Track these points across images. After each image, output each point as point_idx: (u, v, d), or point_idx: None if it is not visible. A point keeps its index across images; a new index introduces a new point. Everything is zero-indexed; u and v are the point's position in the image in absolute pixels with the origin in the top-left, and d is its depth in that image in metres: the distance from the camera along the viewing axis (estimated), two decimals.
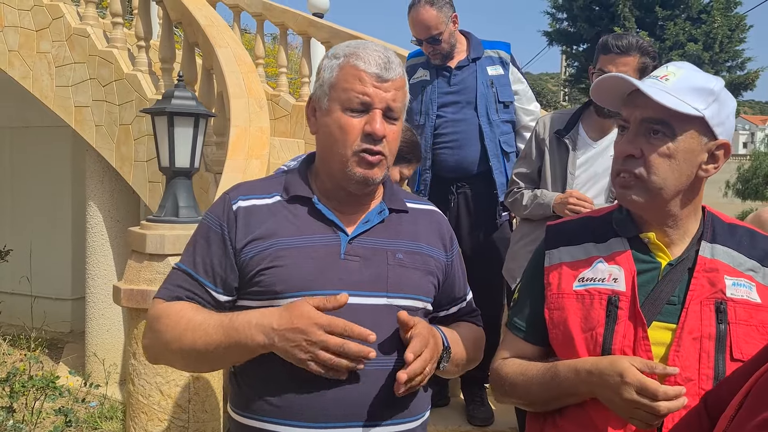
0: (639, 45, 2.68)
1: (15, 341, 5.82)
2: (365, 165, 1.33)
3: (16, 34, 5.41)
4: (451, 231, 1.54)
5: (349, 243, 1.36)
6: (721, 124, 1.27)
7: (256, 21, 6.56)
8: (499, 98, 3.11)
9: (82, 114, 5.28)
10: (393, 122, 1.35)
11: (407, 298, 1.37)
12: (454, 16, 3.07)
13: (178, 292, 1.37)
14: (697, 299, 1.26)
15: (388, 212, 1.43)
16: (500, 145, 3.10)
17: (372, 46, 1.37)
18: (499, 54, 3.17)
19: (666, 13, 16.75)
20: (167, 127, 2.79)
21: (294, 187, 1.41)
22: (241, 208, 1.38)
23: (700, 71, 1.30)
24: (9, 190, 7.05)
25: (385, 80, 1.32)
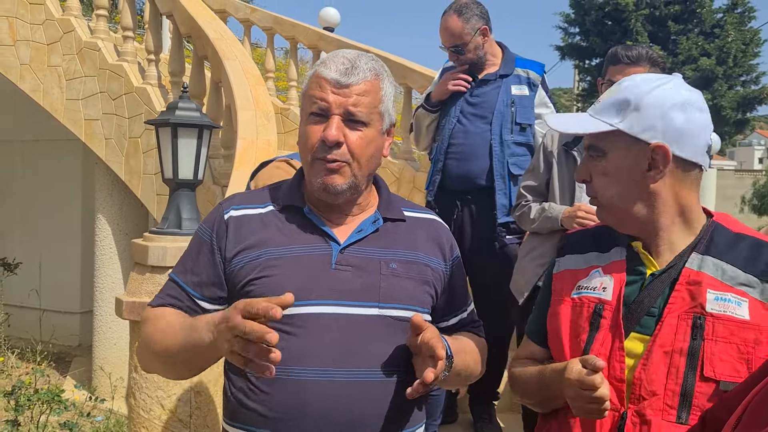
0: (649, 56, 2.65)
1: (23, 354, 5.81)
2: (324, 172, 1.32)
3: (27, 47, 5.45)
4: (452, 240, 1.50)
5: (340, 253, 1.34)
6: (650, 128, 1.25)
7: (266, 35, 6.59)
8: (517, 119, 3.05)
9: (92, 127, 5.30)
10: (357, 127, 1.32)
11: (400, 309, 1.34)
12: (483, 29, 3.04)
13: (165, 300, 1.37)
14: (675, 312, 1.23)
15: (383, 221, 1.41)
16: (508, 165, 3.05)
17: (344, 53, 1.36)
18: (528, 74, 3.11)
19: (679, 28, 16.70)
20: (171, 138, 2.78)
21: (286, 196, 1.40)
22: (233, 218, 1.38)
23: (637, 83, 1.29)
24: (20, 204, 7.09)
25: (344, 85, 1.31)
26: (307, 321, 1.28)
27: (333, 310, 1.29)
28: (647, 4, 16.69)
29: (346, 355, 1.27)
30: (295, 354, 1.26)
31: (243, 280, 1.31)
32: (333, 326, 1.27)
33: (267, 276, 1.30)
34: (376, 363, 1.29)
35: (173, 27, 5.22)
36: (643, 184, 1.27)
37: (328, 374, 1.26)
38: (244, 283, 1.31)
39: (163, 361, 1.33)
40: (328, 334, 1.27)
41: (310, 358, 1.26)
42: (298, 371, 1.26)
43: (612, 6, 17.16)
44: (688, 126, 1.25)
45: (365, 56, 1.37)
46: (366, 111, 1.32)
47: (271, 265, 1.31)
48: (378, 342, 1.30)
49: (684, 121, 1.25)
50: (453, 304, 1.48)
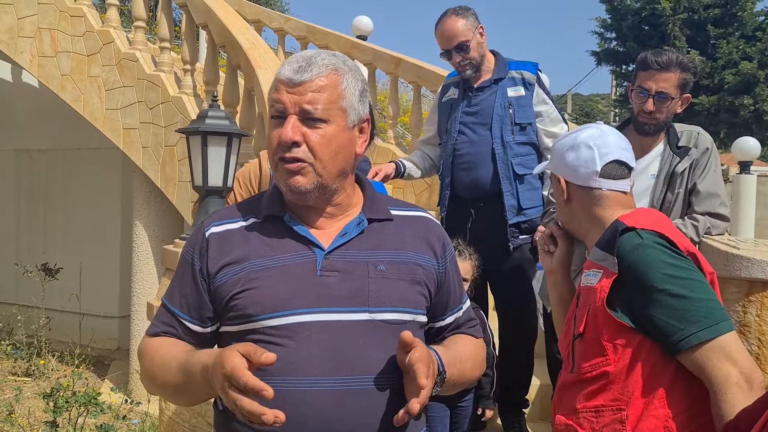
0: (679, 61, 2.61)
1: (62, 357, 5.97)
2: (286, 173, 1.28)
3: (68, 59, 5.61)
4: (444, 237, 1.45)
5: (325, 258, 1.30)
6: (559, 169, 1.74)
7: (300, 44, 6.67)
8: (516, 120, 3.06)
9: (130, 136, 5.43)
10: (316, 125, 1.27)
11: (392, 311, 1.29)
12: (480, 27, 3.09)
13: (159, 328, 1.36)
14: (577, 293, 1.63)
15: (368, 222, 1.36)
16: (512, 167, 3.05)
17: (303, 53, 1.33)
18: (522, 74, 3.12)
19: (718, 32, 16.34)
20: (201, 146, 2.84)
21: (266, 206, 1.36)
22: (213, 235, 1.34)
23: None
24: (61, 210, 7.27)
25: (297, 83, 1.27)
26: (295, 330, 1.24)
27: (321, 318, 1.25)
28: (685, 8, 16.38)
29: (337, 363, 1.24)
30: (283, 364, 1.22)
31: (227, 296, 1.28)
32: (322, 334, 1.23)
33: (250, 288, 1.27)
34: (369, 370, 1.25)
35: (208, 37, 5.33)
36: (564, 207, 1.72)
37: (319, 384, 1.23)
38: (228, 298, 1.28)
39: (167, 394, 1.35)
40: (317, 342, 1.24)
41: (299, 368, 1.23)
42: (288, 382, 1.22)
43: (649, 11, 16.88)
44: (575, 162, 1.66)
45: (325, 53, 1.32)
46: (323, 107, 1.27)
47: (254, 277, 1.27)
48: (370, 348, 1.26)
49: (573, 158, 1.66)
50: (448, 303, 1.43)
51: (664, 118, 2.59)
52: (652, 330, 1.45)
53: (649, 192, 2.65)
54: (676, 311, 1.42)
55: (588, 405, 1.50)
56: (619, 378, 1.47)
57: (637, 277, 1.46)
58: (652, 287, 1.44)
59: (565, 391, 1.59)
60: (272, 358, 1.11)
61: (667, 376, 1.45)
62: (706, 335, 1.40)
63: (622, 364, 1.47)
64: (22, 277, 6.34)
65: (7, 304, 6.90)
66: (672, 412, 1.43)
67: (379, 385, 1.26)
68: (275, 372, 1.22)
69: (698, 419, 1.42)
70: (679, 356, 1.42)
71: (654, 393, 1.44)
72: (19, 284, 6.89)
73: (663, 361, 1.44)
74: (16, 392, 4.89)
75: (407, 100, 10.15)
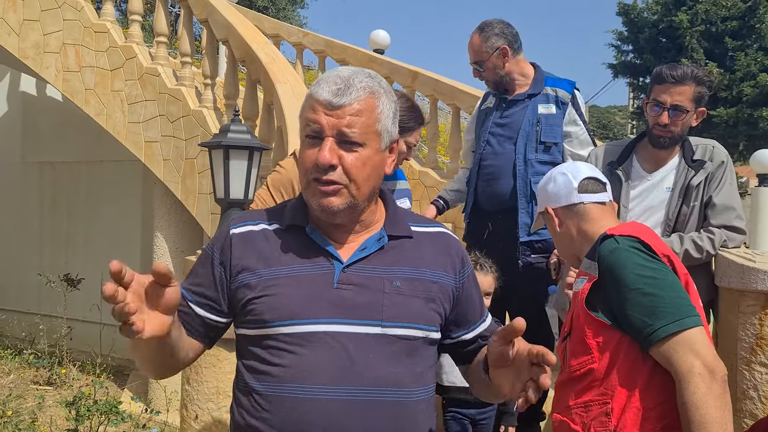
0: (694, 75, 2.63)
1: (83, 367, 6.04)
2: (319, 194, 1.30)
3: (92, 73, 5.73)
4: (463, 253, 1.47)
5: (342, 271, 1.32)
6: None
7: (318, 58, 6.76)
8: (542, 138, 3.03)
9: (152, 149, 5.52)
10: (353, 148, 1.29)
11: (404, 327, 1.32)
12: (502, 48, 3.05)
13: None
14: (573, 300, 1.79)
15: (388, 239, 1.38)
16: (530, 185, 3.03)
17: (339, 71, 1.33)
18: (556, 92, 3.07)
19: (736, 44, 16.25)
20: (223, 159, 2.90)
21: (290, 216, 1.39)
22: (236, 235, 1.38)
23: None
24: (84, 222, 7.38)
25: (336, 106, 1.27)
26: (308, 339, 1.27)
27: (334, 329, 1.28)
28: (703, 20, 16.31)
29: (347, 373, 1.26)
30: (295, 372, 1.26)
31: (245, 298, 1.32)
32: (334, 345, 1.26)
33: (268, 295, 1.30)
34: (377, 382, 1.28)
35: (228, 52, 5.42)
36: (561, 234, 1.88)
37: (329, 393, 1.25)
38: (246, 301, 1.32)
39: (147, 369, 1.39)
40: (328, 352, 1.27)
41: (310, 377, 1.26)
42: (299, 389, 1.26)
43: (666, 23, 16.83)
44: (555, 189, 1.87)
45: (361, 74, 1.32)
46: (360, 131, 1.29)
47: (272, 284, 1.31)
48: (380, 361, 1.28)
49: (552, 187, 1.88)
50: (467, 318, 1.45)
51: (679, 132, 2.61)
52: (628, 327, 1.58)
53: (665, 205, 2.66)
54: (646, 308, 1.56)
55: (579, 401, 1.64)
56: (603, 374, 1.60)
57: (613, 278, 1.61)
58: (626, 287, 1.59)
59: (560, 390, 1.73)
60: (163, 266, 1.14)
61: (645, 371, 1.57)
62: (672, 329, 1.53)
63: (605, 361, 1.60)
64: (45, 287, 6.45)
65: (30, 314, 7.00)
66: (651, 404, 1.56)
67: (387, 397, 1.28)
68: (287, 379, 1.27)
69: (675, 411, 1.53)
70: (651, 350, 1.55)
71: (634, 387, 1.57)
72: (41, 294, 6.99)
73: (641, 357, 1.58)
74: (39, 401, 4.97)
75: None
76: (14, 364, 6.17)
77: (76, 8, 5.75)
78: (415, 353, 1.34)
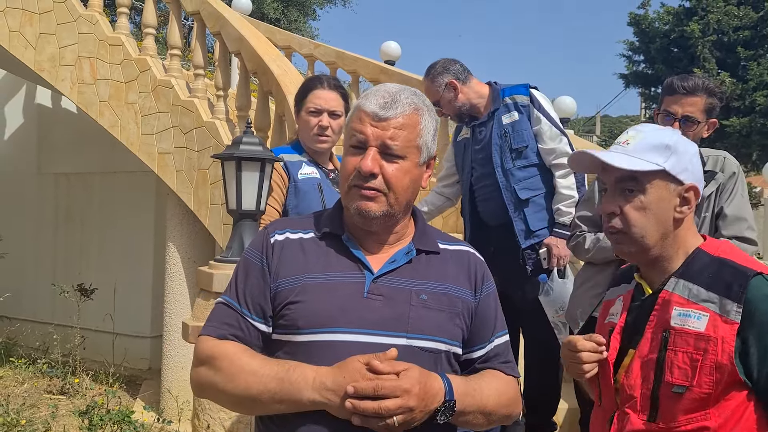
0: (705, 86, 2.64)
1: (96, 376, 6.08)
2: (359, 198, 1.36)
3: (107, 86, 5.80)
4: (485, 270, 1.52)
5: (373, 282, 1.37)
6: (685, 170, 1.47)
7: (329, 69, 6.80)
8: (513, 146, 3.14)
9: (165, 160, 5.57)
10: (394, 160, 1.35)
11: (429, 340, 1.35)
12: (450, 83, 3.19)
13: (224, 330, 1.40)
14: (650, 329, 1.48)
15: (416, 253, 1.43)
16: (516, 192, 3.14)
17: (387, 87, 1.40)
18: (514, 99, 3.19)
19: (749, 53, 16.18)
20: (235, 171, 2.93)
21: (326, 223, 1.45)
22: (277, 242, 1.43)
23: (659, 129, 1.52)
24: (97, 232, 7.44)
25: (382, 119, 1.34)
26: (335, 348, 1.31)
27: (361, 339, 1.32)
28: (715, 30, 16.27)
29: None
30: None
31: (283, 302, 1.36)
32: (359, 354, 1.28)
33: (302, 301, 1.35)
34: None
35: (240, 64, 5.47)
36: (672, 218, 1.49)
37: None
38: (282, 306, 1.36)
39: (236, 400, 1.36)
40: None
41: None
42: None
43: (678, 33, 16.80)
44: (701, 172, 1.53)
45: (407, 91, 1.40)
46: (402, 145, 1.36)
47: (307, 290, 1.35)
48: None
49: (699, 167, 1.52)
50: (480, 336, 1.48)
51: None
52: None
53: None
54: None
55: None
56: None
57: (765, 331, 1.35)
58: None
59: None
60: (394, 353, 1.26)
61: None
62: None
63: (722, 418, 1.37)
64: (59, 297, 6.50)
65: (44, 324, 7.06)
66: None
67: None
68: None
69: None
70: None
71: None
72: (55, 304, 7.05)
73: (765, 418, 1.39)
74: (52, 410, 5.00)
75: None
76: (28, 374, 6.21)
77: (92, 22, 5.83)
78: (438, 367, 1.37)
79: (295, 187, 2.70)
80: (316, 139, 2.73)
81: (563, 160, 3.08)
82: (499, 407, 1.42)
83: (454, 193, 3.58)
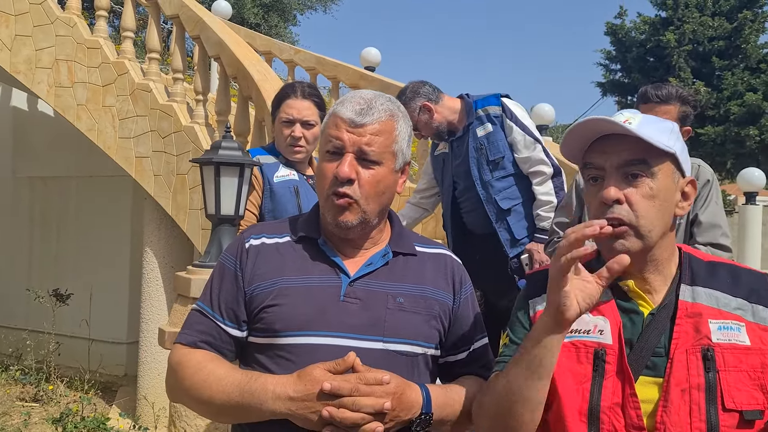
0: (679, 94, 2.69)
1: (71, 383, 5.99)
2: (335, 209, 1.37)
3: (84, 89, 5.74)
4: (463, 274, 1.52)
5: (349, 285, 1.37)
6: (686, 162, 1.26)
7: (309, 75, 6.80)
8: (489, 157, 3.17)
9: (142, 164, 5.53)
10: (370, 166, 1.36)
11: (405, 343, 1.36)
12: (423, 105, 3.22)
13: (195, 337, 1.40)
14: (682, 348, 1.19)
15: (393, 255, 1.44)
16: (497, 203, 3.18)
17: (362, 93, 1.40)
18: (487, 111, 3.22)
19: (723, 63, 16.49)
20: (214, 176, 2.91)
21: (302, 228, 1.45)
22: (253, 247, 1.43)
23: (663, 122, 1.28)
24: (73, 237, 7.35)
25: (359, 125, 1.35)
26: (311, 351, 1.31)
27: (337, 342, 1.32)
28: (690, 40, 16.56)
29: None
30: None
31: (259, 306, 1.36)
32: (336, 358, 1.28)
33: (278, 305, 1.35)
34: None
35: (220, 69, 5.45)
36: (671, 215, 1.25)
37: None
38: (259, 310, 1.36)
39: (204, 408, 1.36)
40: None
41: None
42: None
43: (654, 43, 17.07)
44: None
45: (382, 97, 1.41)
46: (379, 150, 1.36)
47: (283, 294, 1.35)
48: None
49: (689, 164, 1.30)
50: (461, 339, 1.48)
51: None
52: None
53: None
54: None
55: None
56: None
57: None
58: None
59: None
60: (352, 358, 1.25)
61: None
62: None
63: None
64: (33, 302, 6.41)
65: (17, 330, 6.95)
66: None
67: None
68: None
69: None
70: None
71: None
72: (30, 309, 6.95)
73: None
74: (25, 417, 4.92)
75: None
76: (0, 381, 6.11)
77: (69, 24, 5.78)
78: (415, 370, 1.38)
79: (270, 191, 2.70)
80: (290, 150, 2.72)
81: (539, 167, 3.12)
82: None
83: (432, 204, 3.64)
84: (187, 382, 1.35)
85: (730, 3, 16.81)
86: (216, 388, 1.30)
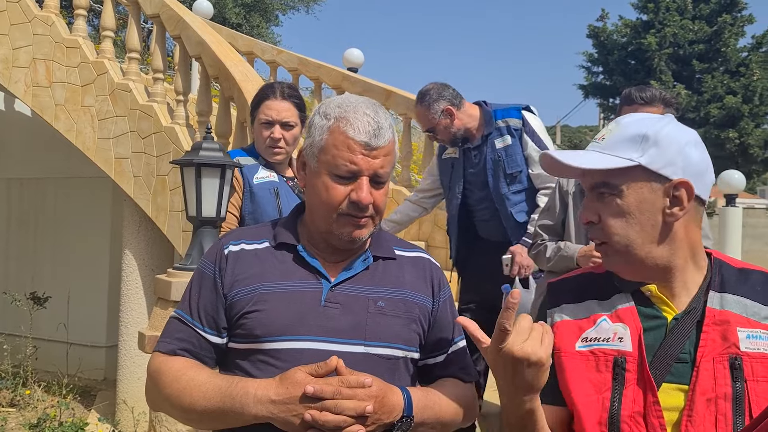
0: (662, 97, 2.70)
1: (49, 387, 5.90)
2: (352, 226, 1.36)
3: (63, 89, 5.66)
4: (441, 277, 1.52)
5: (330, 290, 1.37)
6: (670, 164, 1.19)
7: (291, 75, 6.76)
8: (507, 171, 3.17)
9: (122, 165, 5.45)
10: (380, 186, 1.37)
11: (386, 347, 1.36)
12: (446, 109, 3.17)
13: (174, 344, 1.39)
14: (709, 356, 1.15)
15: (373, 259, 1.44)
16: (513, 216, 3.19)
17: (362, 108, 1.36)
18: (507, 122, 3.20)
19: (703, 66, 16.69)
20: (195, 177, 2.87)
21: (281, 234, 1.44)
22: (232, 253, 1.41)
23: (644, 118, 1.24)
24: (51, 239, 7.25)
25: (374, 148, 1.33)
26: (293, 356, 1.31)
27: (320, 347, 1.32)
28: (671, 43, 16.74)
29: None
30: None
31: (239, 312, 1.35)
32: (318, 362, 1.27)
33: (259, 310, 1.34)
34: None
35: (201, 69, 5.39)
36: (661, 223, 1.20)
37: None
38: (239, 316, 1.35)
39: (184, 415, 1.34)
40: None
41: None
42: None
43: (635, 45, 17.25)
44: (703, 163, 1.22)
45: (381, 111, 1.39)
46: (389, 170, 1.38)
47: (264, 299, 1.34)
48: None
49: (698, 157, 1.21)
50: (440, 342, 1.48)
51: None
52: None
53: None
54: None
55: None
56: None
57: None
58: None
59: None
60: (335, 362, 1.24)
61: None
62: None
63: None
64: (10, 305, 6.30)
65: None
66: None
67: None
68: None
69: None
70: None
71: None
72: (6, 313, 6.83)
73: None
74: (1, 423, 4.84)
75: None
76: None
77: (47, 23, 5.69)
78: (396, 373, 1.38)
79: (250, 193, 2.67)
80: (269, 152, 2.69)
81: (550, 184, 3.12)
82: (456, 416, 1.43)
83: (432, 204, 3.64)
84: (167, 390, 1.33)
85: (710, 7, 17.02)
86: (197, 394, 1.29)
